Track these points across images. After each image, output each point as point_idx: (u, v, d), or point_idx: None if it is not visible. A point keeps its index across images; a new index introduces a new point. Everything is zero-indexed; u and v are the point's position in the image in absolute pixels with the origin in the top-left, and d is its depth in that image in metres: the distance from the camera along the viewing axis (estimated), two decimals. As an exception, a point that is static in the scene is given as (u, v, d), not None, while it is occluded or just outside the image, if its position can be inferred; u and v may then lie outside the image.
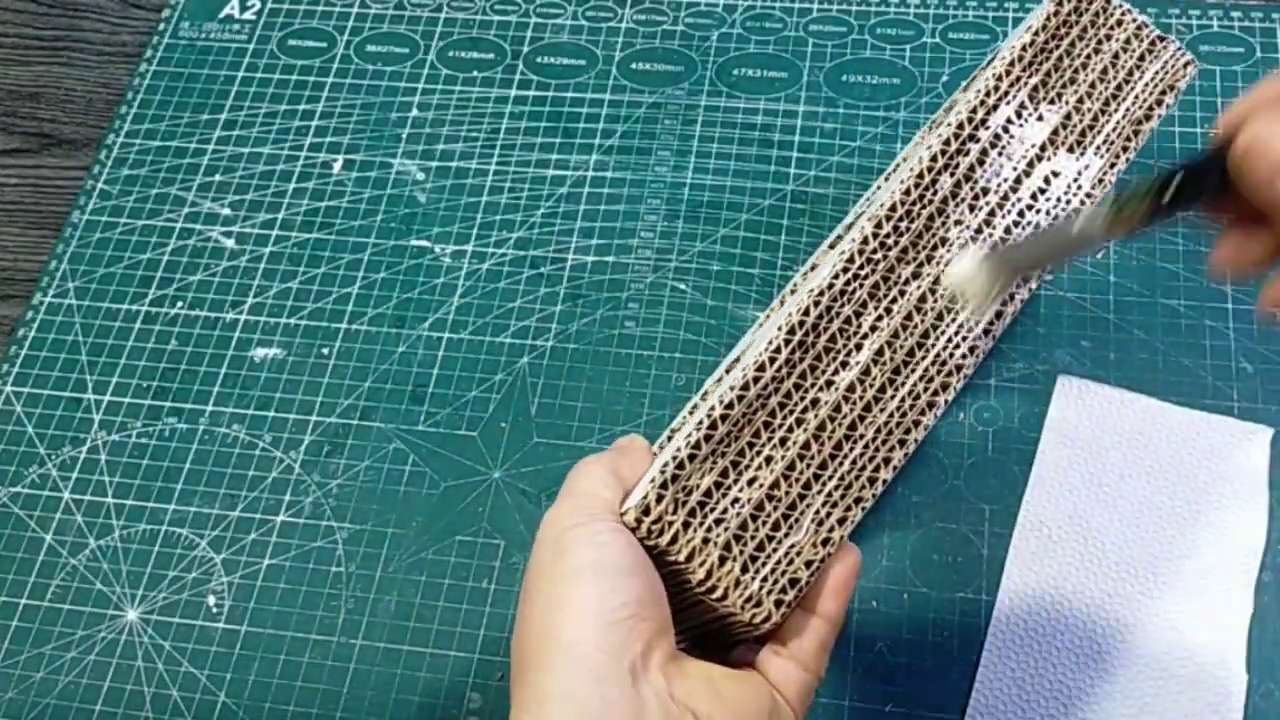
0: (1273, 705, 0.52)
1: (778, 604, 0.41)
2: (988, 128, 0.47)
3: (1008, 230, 0.46)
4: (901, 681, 0.54)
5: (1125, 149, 0.48)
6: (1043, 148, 0.47)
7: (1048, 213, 0.46)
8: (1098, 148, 0.48)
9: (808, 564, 0.41)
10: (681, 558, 0.40)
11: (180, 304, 0.67)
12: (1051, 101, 0.48)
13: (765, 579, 0.41)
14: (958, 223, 0.46)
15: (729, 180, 0.68)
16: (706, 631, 0.44)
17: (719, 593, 0.40)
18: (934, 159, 0.46)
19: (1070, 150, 0.48)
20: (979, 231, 0.46)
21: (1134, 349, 0.61)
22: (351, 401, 0.63)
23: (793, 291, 0.54)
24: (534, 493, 0.60)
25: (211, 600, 0.58)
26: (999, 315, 0.45)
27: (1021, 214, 0.46)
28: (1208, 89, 0.69)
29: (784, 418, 0.42)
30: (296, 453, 0.62)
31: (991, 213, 0.46)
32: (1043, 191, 0.47)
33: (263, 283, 0.67)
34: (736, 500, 0.41)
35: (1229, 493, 0.56)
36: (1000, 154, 0.47)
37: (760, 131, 0.70)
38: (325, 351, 0.65)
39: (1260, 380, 0.59)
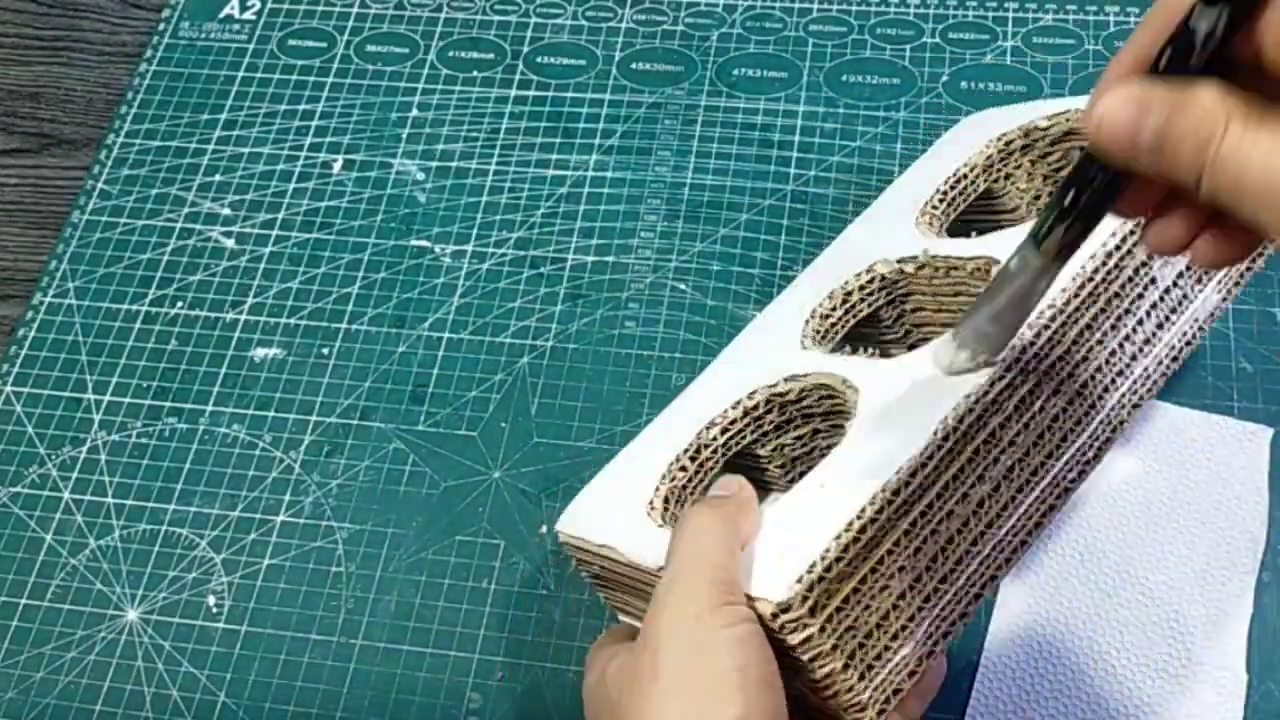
0: (1273, 705, 0.52)
1: (880, 712, 0.40)
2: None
3: (1133, 357, 0.45)
4: (901, 681, 0.54)
5: (1238, 284, 0.48)
6: (1180, 275, 0.46)
7: (1171, 345, 0.45)
8: (1220, 280, 0.47)
9: (910, 675, 0.41)
10: (805, 659, 0.39)
11: (180, 304, 0.67)
12: None
13: (876, 688, 0.40)
14: (1100, 342, 0.44)
15: (729, 180, 0.68)
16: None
17: (830, 692, 0.40)
18: (1095, 270, 0.44)
19: (1199, 281, 0.46)
20: (1113, 354, 0.44)
21: (1134, 349, 0.61)
22: (351, 401, 0.63)
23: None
24: (534, 493, 0.60)
25: (211, 600, 0.58)
26: (1108, 441, 0.44)
27: (1147, 340, 0.45)
28: (1208, 89, 0.69)
29: (922, 527, 0.41)
30: (296, 453, 0.62)
31: (1126, 337, 0.45)
32: (1169, 319, 0.46)
33: (263, 283, 0.67)
34: (868, 608, 0.40)
35: (1229, 493, 0.56)
36: (1145, 274, 0.45)
37: (760, 131, 0.70)
38: (325, 351, 0.65)
39: (1260, 380, 0.59)
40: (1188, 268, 0.46)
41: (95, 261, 0.69)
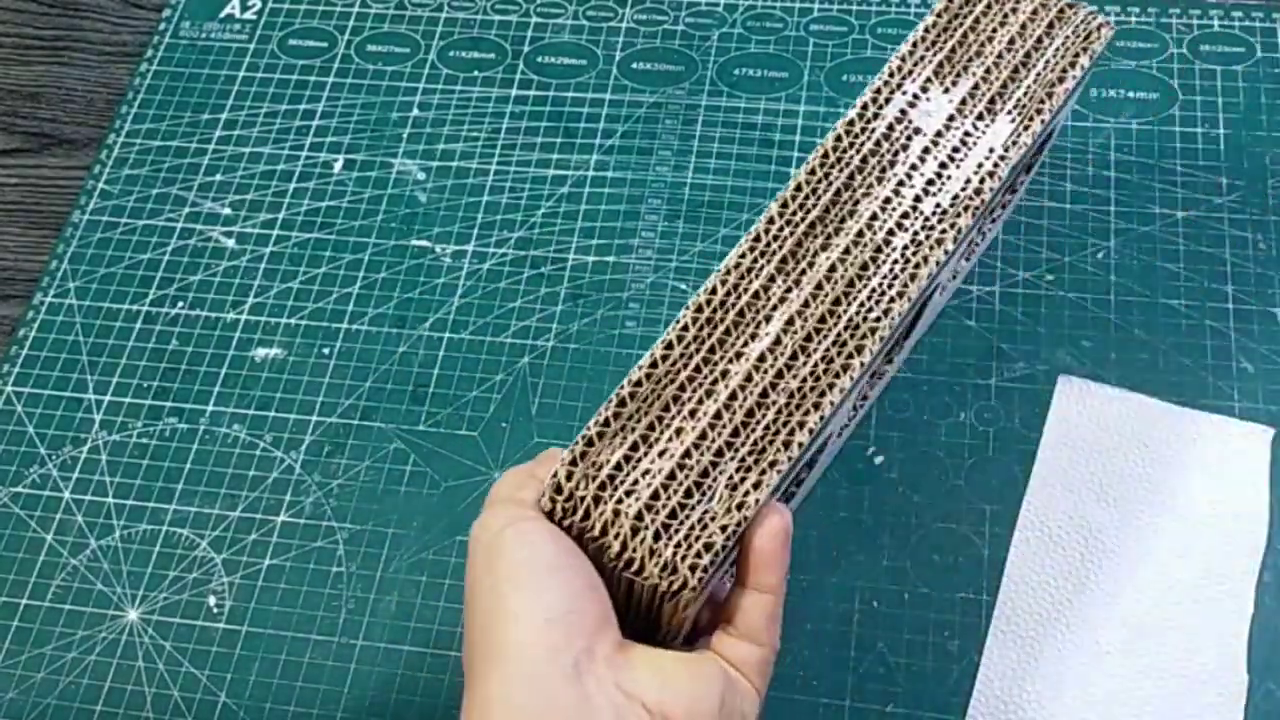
0: (1273, 705, 0.52)
1: (692, 569, 0.40)
2: (891, 103, 0.49)
3: (916, 199, 0.47)
4: (901, 682, 0.54)
5: (1039, 111, 0.50)
6: (950, 118, 0.49)
7: (965, 180, 0.48)
8: (1009, 112, 0.50)
9: (723, 529, 0.41)
10: (596, 531, 0.41)
11: (181, 304, 0.67)
12: (957, 75, 0.50)
13: (679, 545, 0.41)
14: (865, 194, 0.47)
15: (729, 180, 0.68)
16: (652, 629, 0.44)
17: (636, 565, 0.40)
18: (838, 138, 0.48)
19: (980, 118, 0.49)
20: (888, 201, 0.47)
21: (1134, 349, 0.61)
22: (352, 401, 0.63)
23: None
24: (534, 493, 0.60)
25: (212, 600, 0.58)
26: (912, 277, 0.46)
27: (931, 180, 0.48)
28: (1208, 89, 0.69)
29: (693, 391, 0.43)
30: (297, 453, 0.62)
31: (900, 183, 0.48)
32: (953, 158, 0.48)
33: (263, 283, 0.67)
34: (647, 472, 0.41)
35: (1229, 493, 0.56)
36: (906, 126, 0.49)
37: (760, 131, 0.70)
38: (326, 351, 0.65)
39: (1260, 380, 0.59)
40: (960, 109, 0.49)
41: (96, 261, 0.69)
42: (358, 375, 0.64)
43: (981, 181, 0.48)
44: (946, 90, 0.50)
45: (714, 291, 0.45)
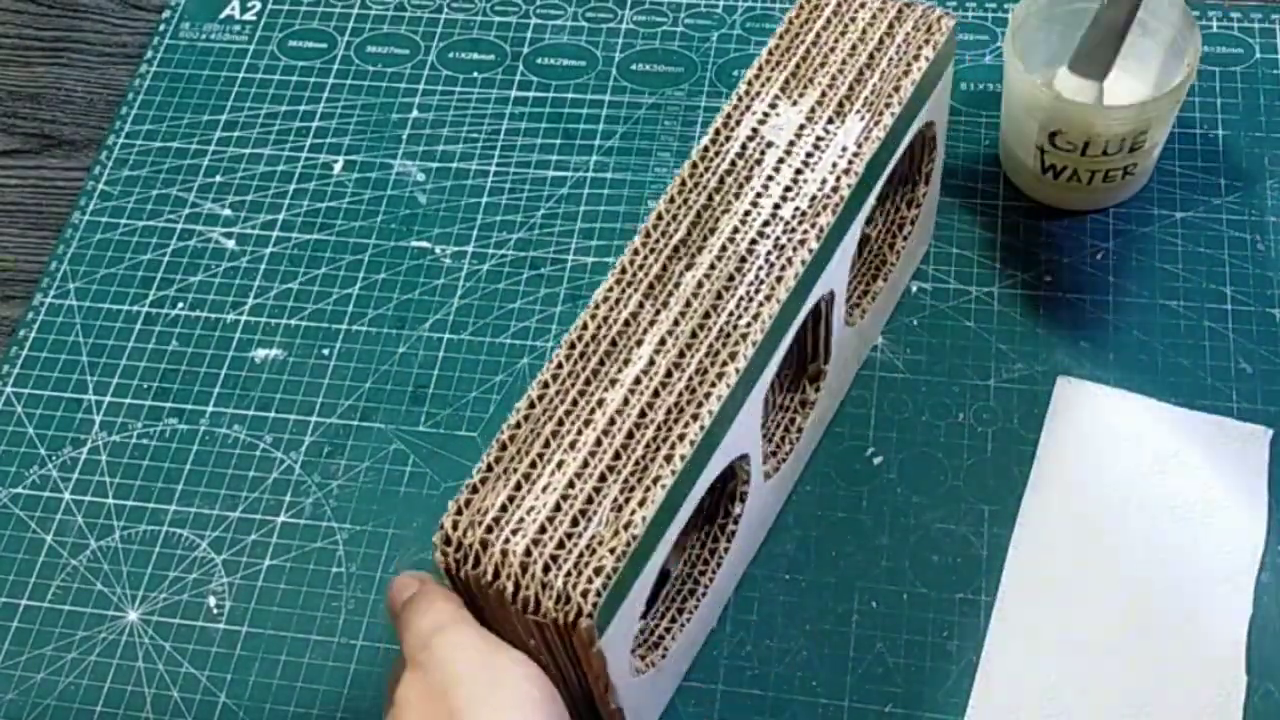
0: (1272, 706, 0.52)
1: (584, 594, 0.40)
2: (742, 124, 0.50)
3: (775, 206, 0.48)
4: (900, 682, 0.54)
5: (888, 105, 0.50)
6: (801, 127, 0.50)
7: (822, 180, 0.48)
8: (858, 111, 0.50)
9: (612, 551, 0.41)
10: (489, 576, 0.40)
11: (181, 305, 0.67)
12: (804, 87, 0.51)
13: (570, 573, 0.40)
14: (725, 211, 0.48)
15: (729, 181, 0.68)
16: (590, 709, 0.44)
17: (531, 603, 0.40)
18: (694, 165, 0.49)
19: (830, 122, 0.50)
20: (747, 214, 0.48)
21: (1133, 349, 0.61)
22: (352, 402, 0.63)
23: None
24: (534, 493, 0.60)
25: (212, 601, 0.58)
26: (779, 280, 0.46)
27: (789, 187, 0.48)
28: (1207, 89, 0.69)
29: (571, 423, 0.43)
30: (297, 453, 0.62)
31: (758, 194, 0.48)
32: (808, 163, 0.49)
33: (263, 283, 0.67)
34: (532, 508, 0.42)
35: (1229, 493, 0.56)
36: (759, 142, 0.49)
37: (760, 132, 0.70)
38: (326, 352, 0.65)
39: (1260, 380, 0.60)
40: (810, 117, 0.50)
41: (96, 262, 0.69)
42: (357, 376, 0.64)
43: (838, 180, 0.48)
44: (795, 103, 0.50)
45: (585, 326, 0.45)
